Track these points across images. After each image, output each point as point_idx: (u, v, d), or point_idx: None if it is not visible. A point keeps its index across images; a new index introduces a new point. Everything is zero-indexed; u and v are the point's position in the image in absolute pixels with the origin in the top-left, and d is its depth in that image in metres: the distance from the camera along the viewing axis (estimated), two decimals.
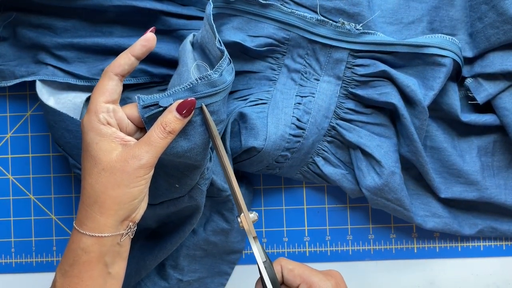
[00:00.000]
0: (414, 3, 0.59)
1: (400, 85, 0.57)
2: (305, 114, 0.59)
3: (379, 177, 0.58)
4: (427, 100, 0.57)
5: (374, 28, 0.57)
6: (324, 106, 0.59)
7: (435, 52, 0.57)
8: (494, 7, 0.57)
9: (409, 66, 0.58)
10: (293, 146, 0.59)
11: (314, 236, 0.65)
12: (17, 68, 0.60)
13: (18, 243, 0.65)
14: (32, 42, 0.59)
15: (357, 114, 0.59)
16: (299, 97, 0.59)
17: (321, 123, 0.59)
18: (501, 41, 0.57)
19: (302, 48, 0.59)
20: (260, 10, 0.57)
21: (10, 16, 0.59)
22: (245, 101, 0.59)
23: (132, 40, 0.58)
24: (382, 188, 0.58)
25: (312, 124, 0.59)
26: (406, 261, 0.65)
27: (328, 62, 0.59)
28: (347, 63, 0.58)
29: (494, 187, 0.61)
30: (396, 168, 0.58)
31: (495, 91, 0.59)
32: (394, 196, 0.58)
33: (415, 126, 0.58)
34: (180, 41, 0.58)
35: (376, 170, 0.58)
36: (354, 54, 0.58)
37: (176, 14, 0.58)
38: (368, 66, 0.58)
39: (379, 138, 0.59)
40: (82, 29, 0.59)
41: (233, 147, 0.59)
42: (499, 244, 0.64)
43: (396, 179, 0.58)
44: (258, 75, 0.60)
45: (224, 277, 0.64)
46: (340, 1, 0.57)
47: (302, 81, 0.60)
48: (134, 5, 0.57)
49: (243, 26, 0.57)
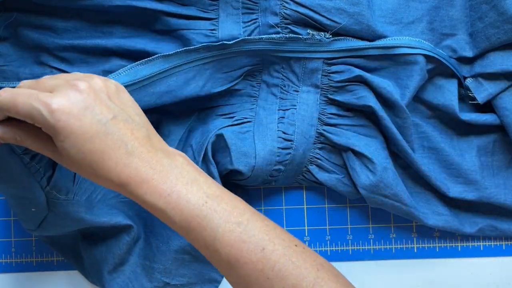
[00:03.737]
0: (414, 3, 0.59)
1: (376, 87, 0.58)
2: (290, 126, 0.60)
3: (373, 174, 0.58)
4: (405, 99, 0.58)
5: (374, 27, 0.57)
6: (307, 115, 0.60)
7: (405, 52, 0.57)
8: (495, 6, 0.57)
9: (382, 68, 0.59)
10: (284, 158, 0.59)
11: (314, 236, 0.65)
12: (20, 69, 0.60)
13: (19, 243, 0.65)
14: (33, 43, 0.59)
15: (341, 117, 0.60)
16: (281, 111, 0.60)
17: (308, 131, 0.60)
18: (501, 41, 0.57)
19: (277, 64, 0.59)
20: (228, 50, 0.57)
21: (11, 17, 0.59)
22: (231, 119, 0.60)
23: (132, 40, 0.59)
24: (378, 184, 0.58)
25: (298, 134, 0.59)
26: (406, 261, 0.65)
27: (304, 73, 0.59)
28: (322, 71, 0.59)
29: (494, 187, 0.61)
30: (387, 163, 0.59)
31: (495, 91, 0.59)
32: (390, 192, 0.59)
33: (398, 125, 0.58)
34: (181, 41, 0.58)
35: (369, 167, 0.58)
36: (328, 62, 0.58)
37: (177, 14, 0.58)
38: (343, 72, 0.58)
39: (366, 138, 0.60)
40: (83, 29, 0.59)
41: (222, 170, 0.59)
42: (498, 244, 0.64)
43: (389, 174, 0.58)
44: (239, 92, 0.61)
45: (213, 284, 0.63)
46: (340, 0, 0.57)
47: (282, 94, 0.60)
48: (134, 5, 0.57)
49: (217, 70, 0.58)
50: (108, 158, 0.41)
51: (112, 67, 0.59)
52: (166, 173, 0.42)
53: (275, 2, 0.58)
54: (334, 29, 0.57)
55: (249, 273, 0.42)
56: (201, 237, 0.42)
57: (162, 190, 0.41)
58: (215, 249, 0.42)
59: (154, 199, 0.42)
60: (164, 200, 0.41)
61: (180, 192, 0.42)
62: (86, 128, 0.40)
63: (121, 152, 0.41)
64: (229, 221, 0.42)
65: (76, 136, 0.40)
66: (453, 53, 0.60)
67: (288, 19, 0.58)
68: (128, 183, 0.42)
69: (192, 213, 0.41)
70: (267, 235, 0.42)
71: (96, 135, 0.41)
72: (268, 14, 0.58)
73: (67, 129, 0.40)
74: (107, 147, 0.41)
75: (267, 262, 0.42)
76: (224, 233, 0.42)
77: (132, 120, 0.43)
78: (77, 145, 0.41)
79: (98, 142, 0.41)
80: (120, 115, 0.42)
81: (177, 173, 0.42)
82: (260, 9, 0.58)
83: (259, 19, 0.58)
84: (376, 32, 0.58)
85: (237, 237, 0.41)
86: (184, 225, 0.42)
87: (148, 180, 0.41)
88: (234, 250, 0.41)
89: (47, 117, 0.40)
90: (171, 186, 0.42)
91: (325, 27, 0.58)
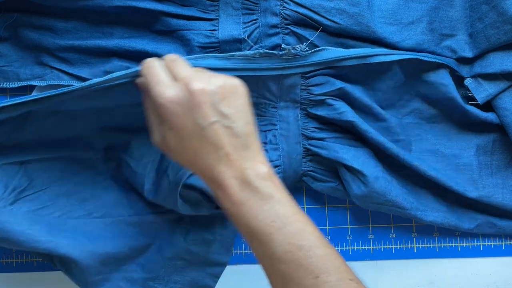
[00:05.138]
0: (414, 3, 0.59)
1: (357, 100, 0.58)
2: (274, 151, 0.59)
3: (365, 185, 0.58)
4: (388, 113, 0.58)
5: (374, 28, 0.57)
6: (290, 135, 0.59)
7: (381, 60, 0.57)
8: (495, 7, 0.57)
9: (360, 77, 0.58)
10: None
11: None
12: (21, 70, 0.60)
13: None
14: (34, 44, 0.59)
15: (325, 131, 0.60)
16: (262, 133, 0.59)
17: (294, 150, 0.59)
18: (501, 41, 0.57)
19: (252, 83, 0.57)
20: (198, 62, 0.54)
21: (11, 17, 0.60)
22: None
23: (133, 41, 0.59)
24: (370, 194, 0.58)
25: (284, 157, 0.59)
26: (406, 261, 0.65)
27: (282, 89, 0.58)
28: (301, 85, 0.58)
29: (491, 186, 0.61)
30: (378, 172, 0.58)
31: (495, 91, 0.59)
32: (384, 199, 0.59)
33: (383, 127, 0.59)
34: (181, 42, 0.59)
35: (360, 179, 0.58)
36: (306, 76, 0.58)
37: (176, 15, 0.58)
38: (323, 84, 0.58)
39: (354, 148, 0.59)
40: (83, 30, 0.59)
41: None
42: (498, 244, 0.64)
43: (381, 183, 0.58)
44: None
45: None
46: (340, 1, 0.57)
47: (260, 111, 0.59)
48: (134, 5, 0.57)
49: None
50: (200, 158, 0.45)
51: (112, 67, 0.59)
52: (243, 186, 0.44)
53: (275, 3, 0.58)
54: (333, 29, 0.57)
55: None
56: (261, 250, 0.44)
57: (236, 200, 0.44)
58: (272, 263, 0.44)
59: (227, 205, 0.45)
60: (236, 209, 0.44)
61: (251, 207, 0.44)
62: (187, 127, 0.44)
63: (212, 156, 0.44)
64: (291, 243, 0.43)
65: (176, 132, 0.45)
66: (452, 54, 0.60)
67: (288, 20, 0.58)
68: (211, 182, 0.45)
69: (257, 229, 0.43)
70: (324, 264, 0.43)
71: (193, 135, 0.44)
72: (268, 15, 0.58)
73: (171, 123, 0.45)
74: (201, 148, 0.44)
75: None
76: (284, 253, 0.43)
77: (235, 127, 0.45)
78: (177, 139, 0.45)
79: (195, 142, 0.45)
80: (222, 121, 0.44)
81: (254, 187, 0.44)
82: (260, 10, 0.58)
83: (259, 20, 0.59)
84: (376, 32, 0.58)
85: (295, 259, 0.43)
86: (248, 235, 0.44)
87: (227, 187, 0.44)
88: (289, 269, 0.43)
89: (158, 105, 0.45)
90: (245, 199, 0.44)
91: (325, 28, 0.58)
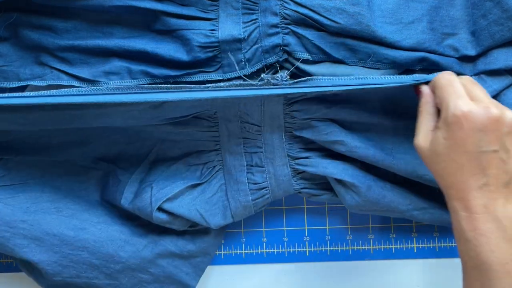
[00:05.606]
0: (414, 3, 0.59)
1: (344, 119, 0.58)
2: (260, 174, 0.60)
3: (358, 195, 0.58)
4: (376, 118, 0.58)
5: (374, 27, 0.57)
6: (275, 157, 0.59)
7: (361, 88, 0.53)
8: (499, 3, 0.56)
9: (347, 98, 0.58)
10: (265, 201, 0.61)
11: (314, 236, 0.65)
12: (21, 69, 0.60)
13: None
14: (34, 43, 0.59)
15: (310, 150, 0.60)
16: (248, 154, 0.59)
17: (281, 172, 0.60)
18: (505, 38, 0.57)
19: (232, 108, 0.57)
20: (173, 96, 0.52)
21: (11, 17, 0.60)
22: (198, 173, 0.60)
23: (133, 41, 0.59)
24: (364, 204, 0.59)
25: (271, 179, 0.60)
26: (406, 261, 0.65)
27: (264, 116, 0.58)
28: (284, 112, 0.58)
29: None
30: (370, 180, 0.59)
31: (499, 87, 0.59)
32: (379, 206, 0.59)
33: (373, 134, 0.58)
34: (180, 41, 0.58)
35: (353, 190, 0.58)
36: (289, 102, 0.58)
37: (176, 15, 0.58)
38: (306, 110, 0.58)
39: (342, 162, 0.59)
40: (83, 29, 0.59)
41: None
42: None
43: (374, 191, 0.58)
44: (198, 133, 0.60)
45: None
46: (340, 0, 0.57)
47: (244, 134, 0.59)
48: (134, 5, 0.57)
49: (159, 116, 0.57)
50: (460, 174, 0.45)
51: (112, 67, 0.59)
52: (490, 218, 0.45)
53: (275, 2, 0.57)
54: (333, 29, 0.57)
55: None
56: (480, 280, 0.45)
57: (478, 228, 0.45)
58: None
59: (466, 227, 0.45)
60: (473, 235, 0.45)
61: (490, 240, 0.44)
62: (466, 143, 0.45)
63: (473, 178, 0.45)
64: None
65: (454, 142, 0.45)
66: (455, 52, 0.59)
67: (288, 19, 0.58)
68: (457, 200, 0.46)
69: (488, 263, 0.44)
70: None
71: (468, 152, 0.45)
72: (268, 15, 0.58)
73: (453, 134, 0.45)
74: (467, 167, 0.45)
75: None
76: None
77: (509, 163, 0.45)
78: (448, 149, 0.46)
79: (465, 158, 0.45)
80: (501, 153, 0.45)
81: (501, 225, 0.45)
82: (260, 10, 0.58)
83: (259, 19, 0.58)
84: (376, 32, 0.57)
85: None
86: (471, 261, 0.45)
87: (474, 213, 0.45)
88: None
89: (452, 115, 0.45)
90: (488, 232, 0.45)
91: (325, 27, 0.58)
